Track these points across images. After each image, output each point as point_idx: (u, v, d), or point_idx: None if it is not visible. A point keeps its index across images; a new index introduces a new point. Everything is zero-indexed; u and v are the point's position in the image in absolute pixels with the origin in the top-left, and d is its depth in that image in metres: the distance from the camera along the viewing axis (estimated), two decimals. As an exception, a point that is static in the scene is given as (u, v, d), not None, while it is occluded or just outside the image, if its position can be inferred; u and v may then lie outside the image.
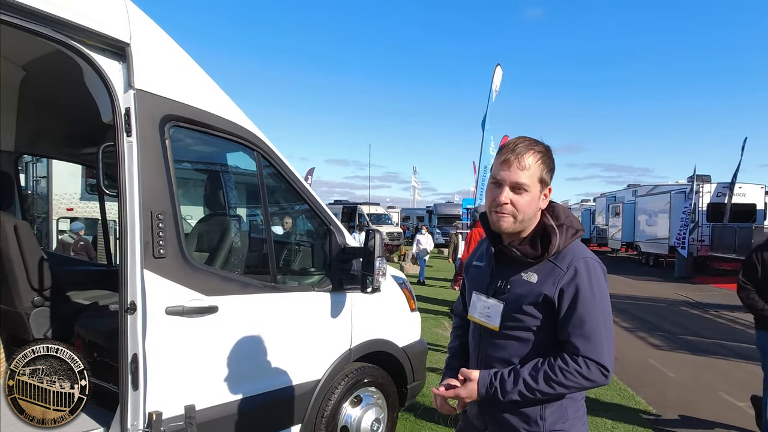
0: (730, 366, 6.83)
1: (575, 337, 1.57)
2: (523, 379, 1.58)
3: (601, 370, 1.55)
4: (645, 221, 22.68)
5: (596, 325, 1.57)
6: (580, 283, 1.58)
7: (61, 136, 4.21)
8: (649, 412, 5.10)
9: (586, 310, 1.57)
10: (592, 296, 1.58)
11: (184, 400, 2.40)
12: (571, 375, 1.55)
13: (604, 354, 1.56)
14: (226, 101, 2.73)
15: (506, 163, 1.61)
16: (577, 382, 1.55)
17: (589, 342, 1.56)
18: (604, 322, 1.59)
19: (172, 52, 2.49)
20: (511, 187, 1.61)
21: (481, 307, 1.75)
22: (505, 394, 1.59)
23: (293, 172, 3.07)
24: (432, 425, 4.48)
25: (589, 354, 1.55)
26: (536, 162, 1.61)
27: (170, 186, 2.38)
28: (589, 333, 1.56)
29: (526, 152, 1.60)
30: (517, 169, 1.59)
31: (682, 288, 15.07)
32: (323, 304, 3.12)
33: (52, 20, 2.04)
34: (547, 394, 1.57)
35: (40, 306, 3.39)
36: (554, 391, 1.56)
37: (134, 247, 2.24)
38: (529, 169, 1.60)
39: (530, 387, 1.57)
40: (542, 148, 1.65)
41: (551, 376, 1.55)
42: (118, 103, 2.24)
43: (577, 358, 1.56)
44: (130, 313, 2.24)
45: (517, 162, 1.59)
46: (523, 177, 1.59)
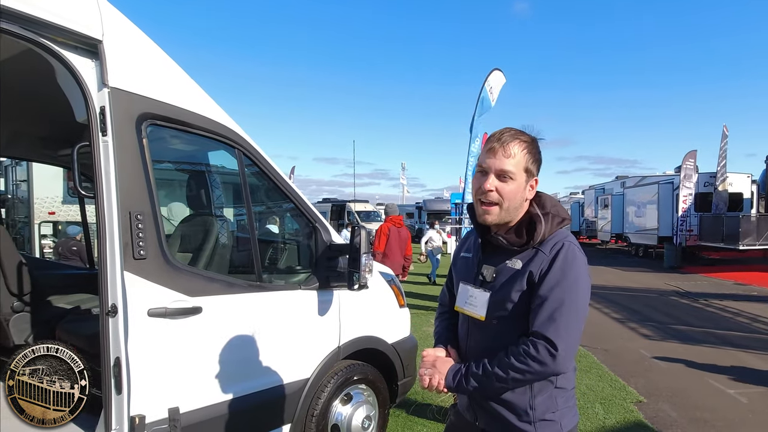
0: (719, 354, 6.89)
1: (534, 314, 1.56)
2: (482, 363, 1.58)
3: (549, 349, 1.50)
4: (634, 212, 22.83)
5: (558, 305, 1.54)
6: (554, 263, 1.58)
7: (38, 138, 4.13)
8: (641, 402, 5.12)
9: (550, 289, 1.55)
10: (561, 276, 1.56)
11: (168, 403, 2.36)
12: (518, 356, 1.53)
13: (560, 334, 1.51)
14: (205, 99, 2.68)
15: (492, 151, 1.63)
16: (526, 363, 1.52)
17: (545, 320, 1.53)
18: (569, 303, 1.55)
19: (147, 49, 2.44)
20: (496, 175, 1.63)
21: (467, 297, 1.75)
22: (468, 380, 1.59)
23: (276, 170, 3.03)
24: (424, 421, 4.47)
25: (541, 329, 1.52)
26: (522, 151, 1.63)
27: (149, 186, 2.33)
28: (548, 311, 1.54)
29: (511, 141, 1.63)
30: (503, 157, 1.61)
31: (672, 278, 15.19)
32: (310, 303, 3.09)
33: (19, 17, 1.98)
34: (502, 379, 1.55)
35: (20, 311, 3.33)
36: (506, 375, 1.54)
37: (113, 248, 2.20)
38: (515, 157, 1.62)
39: (486, 371, 1.56)
40: (528, 138, 1.67)
41: (503, 357, 1.55)
42: (92, 102, 2.19)
43: (527, 338, 1.54)
44: (111, 316, 2.20)
45: (502, 150, 1.61)
46: (508, 165, 1.61)
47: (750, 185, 19.23)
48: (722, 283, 14.05)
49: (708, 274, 16.08)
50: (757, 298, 11.38)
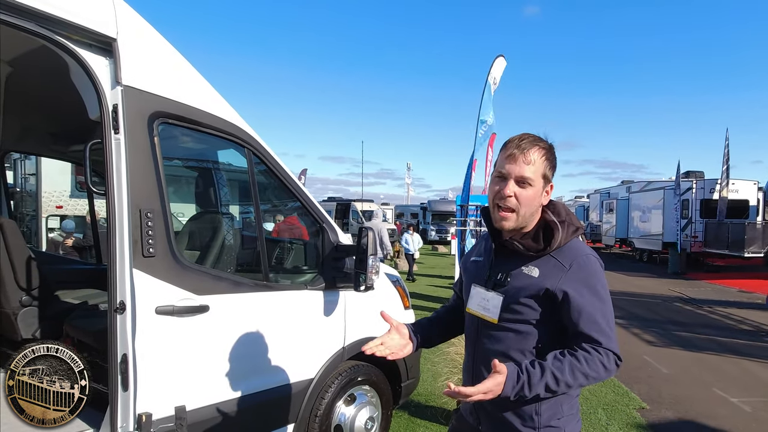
0: (723, 362, 6.86)
1: (592, 331, 1.59)
2: (551, 370, 1.54)
3: (616, 361, 1.60)
4: (639, 217, 22.76)
5: (607, 320, 1.62)
6: (588, 279, 1.62)
7: (48, 133, 4.15)
8: (643, 408, 5.11)
9: (596, 306, 1.60)
10: (597, 291, 1.62)
11: (174, 400, 2.37)
12: (594, 364, 1.56)
13: (617, 345, 1.62)
14: (217, 98, 2.69)
15: (512, 158, 1.64)
16: (597, 371, 1.56)
17: (604, 334, 1.59)
18: (611, 315, 1.65)
19: (160, 48, 2.45)
20: (516, 181, 1.64)
21: (479, 300, 1.75)
22: (532, 387, 1.53)
23: (285, 170, 3.03)
24: (426, 423, 4.47)
25: (608, 345, 1.59)
26: (541, 158, 1.65)
27: (159, 184, 2.34)
28: (603, 326, 1.60)
29: (531, 147, 1.64)
30: (523, 164, 1.63)
31: (676, 284, 15.13)
32: (316, 303, 3.09)
33: (36, 15, 1.99)
34: (569, 386, 1.56)
35: (28, 306, 3.34)
36: (576, 381, 1.56)
37: (123, 245, 2.21)
38: (534, 164, 1.63)
39: (556, 378, 1.54)
40: (546, 145, 1.69)
41: (576, 365, 1.55)
42: (105, 100, 2.20)
43: (598, 348, 1.58)
44: (119, 313, 2.21)
45: (522, 156, 1.63)
46: (527, 171, 1.63)
47: (756, 192, 19.13)
48: (726, 290, 13.99)
49: (712, 281, 16.01)
50: (761, 306, 11.31)
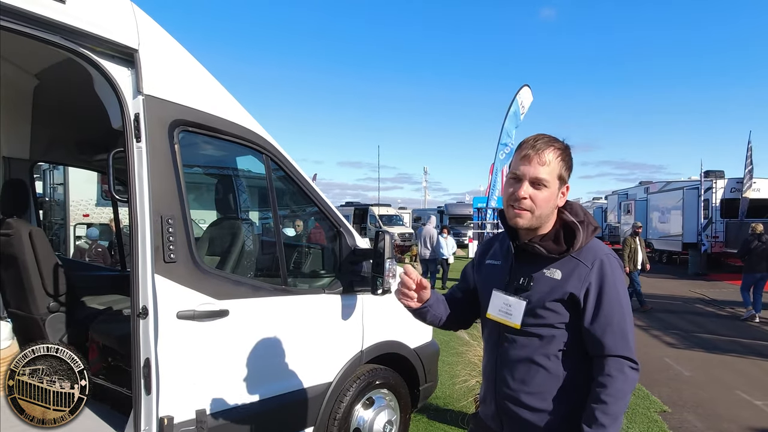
0: (746, 364, 6.74)
1: (607, 333, 1.58)
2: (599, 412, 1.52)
3: (632, 366, 1.59)
4: (657, 218, 22.43)
5: (624, 322, 1.60)
6: (607, 279, 1.61)
7: (74, 143, 4.25)
8: (665, 411, 5.05)
9: (613, 307, 1.59)
10: (618, 292, 1.61)
11: (195, 404, 2.41)
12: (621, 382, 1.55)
13: (633, 349, 1.60)
14: (235, 105, 2.74)
15: (527, 159, 1.62)
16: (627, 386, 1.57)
17: (619, 338, 1.58)
18: (630, 317, 1.63)
19: (180, 57, 2.51)
20: (530, 182, 1.62)
21: (501, 305, 1.71)
22: None
23: (302, 175, 3.07)
24: (445, 426, 4.47)
25: (623, 352, 1.58)
26: (556, 158, 1.63)
27: (180, 190, 2.39)
28: (618, 329, 1.59)
29: (546, 148, 1.62)
30: (538, 165, 1.60)
31: (697, 285, 14.90)
32: (334, 307, 3.12)
33: (61, 28, 2.06)
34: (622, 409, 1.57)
35: (55, 311, 3.42)
36: (624, 402, 1.56)
37: (145, 251, 2.26)
38: (549, 165, 1.61)
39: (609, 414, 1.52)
40: (562, 146, 1.67)
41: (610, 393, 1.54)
42: (127, 109, 2.26)
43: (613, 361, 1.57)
44: (142, 318, 2.26)
45: (537, 157, 1.60)
46: (543, 172, 1.60)
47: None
48: (749, 292, 13.69)
49: (734, 281, 15.69)
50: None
